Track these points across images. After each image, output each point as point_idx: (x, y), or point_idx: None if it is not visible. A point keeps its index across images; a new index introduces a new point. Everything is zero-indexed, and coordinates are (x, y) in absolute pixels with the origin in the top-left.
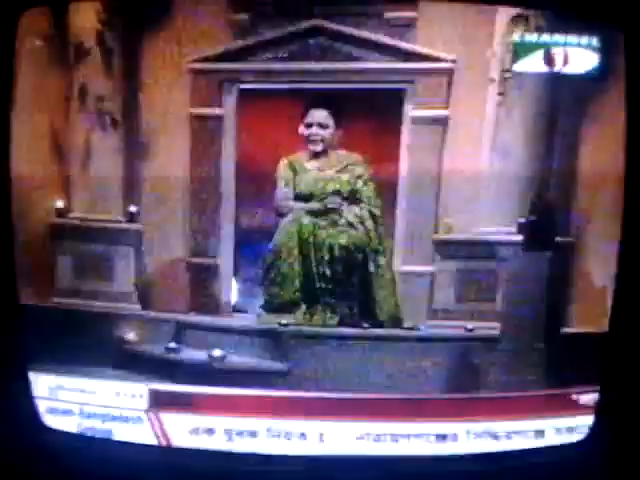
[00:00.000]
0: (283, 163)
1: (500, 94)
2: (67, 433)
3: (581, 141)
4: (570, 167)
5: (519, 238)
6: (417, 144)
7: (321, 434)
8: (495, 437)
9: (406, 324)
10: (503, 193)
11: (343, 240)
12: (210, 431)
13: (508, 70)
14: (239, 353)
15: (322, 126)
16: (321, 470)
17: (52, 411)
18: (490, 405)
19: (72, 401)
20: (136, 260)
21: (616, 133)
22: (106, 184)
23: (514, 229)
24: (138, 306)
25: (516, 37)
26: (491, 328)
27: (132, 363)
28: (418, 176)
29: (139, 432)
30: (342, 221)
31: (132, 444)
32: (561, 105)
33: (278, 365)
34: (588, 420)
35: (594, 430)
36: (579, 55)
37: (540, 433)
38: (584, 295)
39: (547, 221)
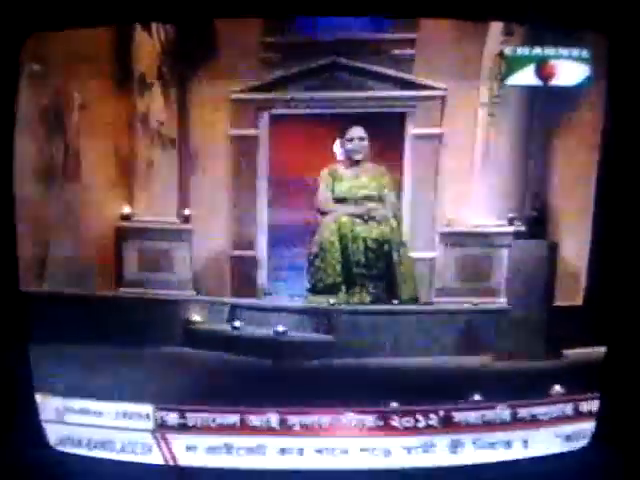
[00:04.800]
0: (324, 172)
1: (490, 115)
2: (74, 455)
3: (558, 148)
4: (550, 171)
5: (509, 229)
6: (418, 156)
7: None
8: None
9: (422, 301)
10: (493, 193)
11: (374, 234)
12: (216, 450)
13: (497, 96)
14: (293, 329)
15: (362, 139)
16: None
17: (59, 434)
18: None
19: (78, 423)
20: (190, 254)
21: (588, 140)
22: (164, 192)
23: (504, 222)
24: (194, 292)
25: (508, 51)
26: (489, 303)
27: (197, 341)
28: (419, 182)
29: (146, 452)
30: (372, 219)
31: (140, 464)
32: (539, 120)
33: (326, 337)
34: (589, 427)
35: (595, 437)
36: (568, 67)
37: (543, 440)
38: (564, 275)
39: (543, 215)
